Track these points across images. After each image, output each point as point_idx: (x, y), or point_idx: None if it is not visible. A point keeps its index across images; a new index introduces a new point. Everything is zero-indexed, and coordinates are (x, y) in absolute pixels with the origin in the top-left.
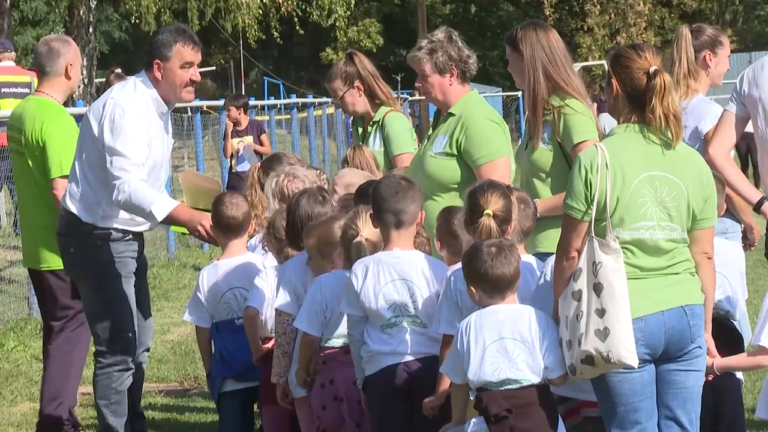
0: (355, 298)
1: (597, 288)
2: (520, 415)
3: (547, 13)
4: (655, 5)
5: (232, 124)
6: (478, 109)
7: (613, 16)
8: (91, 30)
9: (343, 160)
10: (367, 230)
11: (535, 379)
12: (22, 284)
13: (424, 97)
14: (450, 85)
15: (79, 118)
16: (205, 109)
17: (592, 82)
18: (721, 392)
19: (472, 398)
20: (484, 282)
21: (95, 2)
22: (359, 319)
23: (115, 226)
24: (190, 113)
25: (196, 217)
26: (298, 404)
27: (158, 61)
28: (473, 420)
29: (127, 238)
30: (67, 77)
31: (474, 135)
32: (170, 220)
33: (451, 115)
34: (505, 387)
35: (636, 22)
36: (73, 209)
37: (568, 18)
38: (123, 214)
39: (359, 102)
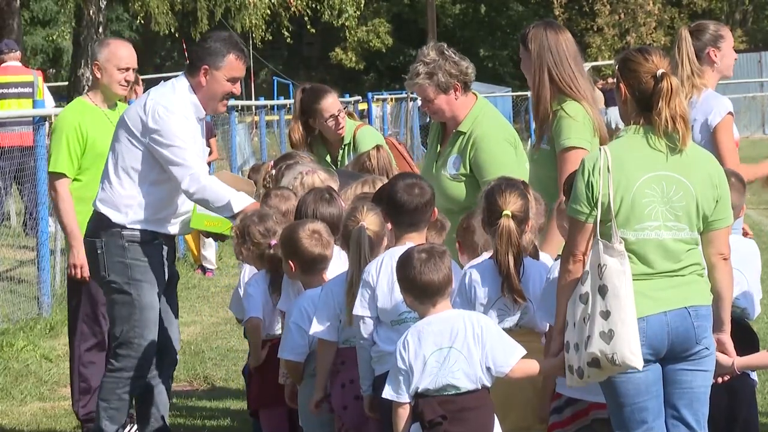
0: (371, 296)
1: (602, 290)
2: (455, 420)
3: (557, 12)
4: (664, 5)
5: None
6: (488, 128)
7: (622, 15)
8: (101, 30)
9: (359, 159)
10: (367, 220)
11: (472, 386)
12: (31, 284)
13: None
14: (456, 99)
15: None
16: None
17: (595, 80)
18: (735, 393)
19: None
20: (414, 288)
21: (105, 2)
22: (371, 321)
23: (143, 227)
24: None
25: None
26: (263, 416)
27: (207, 67)
28: (411, 427)
29: (156, 241)
30: (95, 78)
31: (485, 157)
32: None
33: (461, 133)
34: (443, 393)
35: (646, 22)
36: (103, 210)
37: (577, 18)
38: (155, 215)
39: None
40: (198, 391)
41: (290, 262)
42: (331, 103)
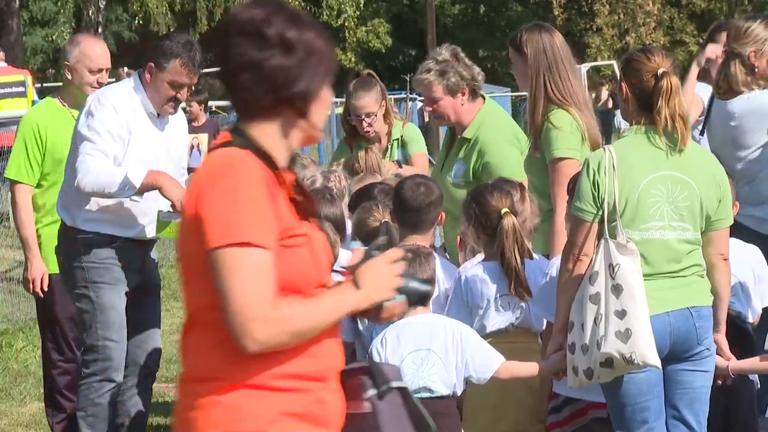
0: None
1: (616, 290)
2: None
3: (556, 13)
4: (664, 5)
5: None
6: (491, 133)
7: (622, 16)
8: (100, 30)
9: (348, 161)
10: (387, 216)
11: (446, 392)
12: None
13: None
14: (462, 105)
15: None
16: (214, 109)
17: (599, 83)
18: (731, 393)
19: None
20: None
21: (104, 2)
22: None
23: (99, 230)
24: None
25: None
26: None
27: (152, 65)
28: None
29: (114, 244)
30: (66, 79)
31: (493, 162)
32: (147, 186)
33: (466, 140)
34: (416, 396)
35: (645, 22)
36: (60, 214)
37: (577, 18)
38: (106, 216)
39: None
40: None
41: None
42: (361, 104)
